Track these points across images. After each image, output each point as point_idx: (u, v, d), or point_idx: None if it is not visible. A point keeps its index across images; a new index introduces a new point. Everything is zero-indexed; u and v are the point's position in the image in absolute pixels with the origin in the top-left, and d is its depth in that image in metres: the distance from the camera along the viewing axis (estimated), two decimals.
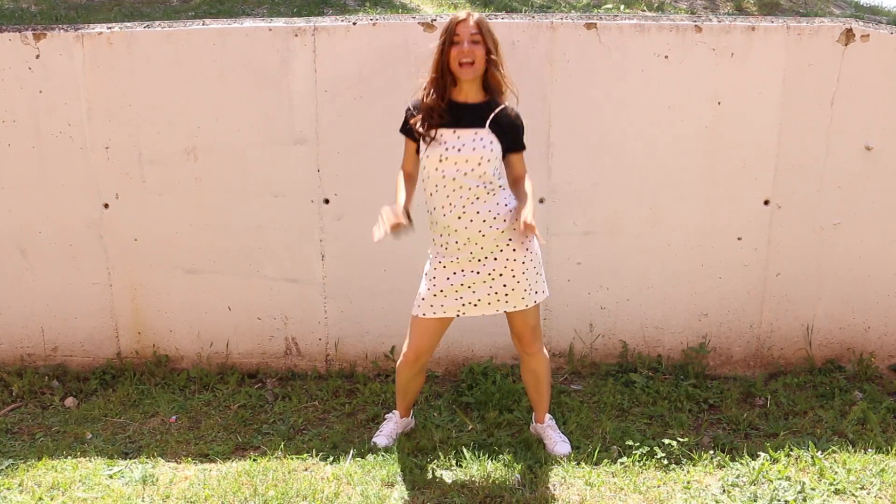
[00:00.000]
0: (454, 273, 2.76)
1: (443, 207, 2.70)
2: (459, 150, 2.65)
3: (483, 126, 2.66)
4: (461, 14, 2.65)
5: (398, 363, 2.92)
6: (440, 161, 2.66)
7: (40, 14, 6.54)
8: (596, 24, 3.28)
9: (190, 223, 3.54)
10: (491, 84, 2.69)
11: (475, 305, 2.78)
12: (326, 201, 3.48)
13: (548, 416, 3.03)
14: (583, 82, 3.32)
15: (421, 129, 2.67)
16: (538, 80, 3.30)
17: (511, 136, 2.72)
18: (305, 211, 3.50)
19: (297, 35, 3.31)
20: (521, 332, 2.86)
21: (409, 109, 2.74)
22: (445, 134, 2.66)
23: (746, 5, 7.55)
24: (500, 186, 2.72)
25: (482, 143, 2.65)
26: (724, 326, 3.60)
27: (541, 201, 3.43)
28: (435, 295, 2.77)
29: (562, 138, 3.38)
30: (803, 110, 3.33)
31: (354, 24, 3.32)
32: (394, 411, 3.10)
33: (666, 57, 3.29)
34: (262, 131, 3.42)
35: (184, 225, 3.55)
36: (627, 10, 6.70)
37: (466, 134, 2.66)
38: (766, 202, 3.45)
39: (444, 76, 2.66)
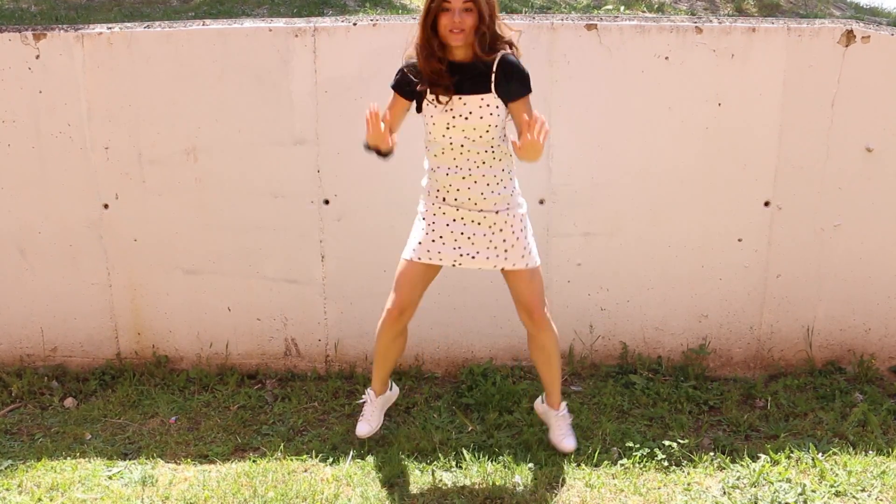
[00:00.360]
0: (454, 220, 2.71)
1: (448, 168, 2.69)
2: (467, 118, 2.62)
3: (488, 90, 2.62)
4: None
5: (380, 323, 2.83)
6: (447, 128, 2.64)
7: (40, 14, 6.53)
8: (596, 25, 3.27)
9: (190, 223, 3.54)
10: (480, 41, 2.58)
11: (473, 258, 2.72)
12: (326, 202, 3.48)
13: (563, 404, 2.95)
14: (583, 83, 3.32)
15: (430, 98, 2.62)
16: (538, 81, 3.27)
17: (517, 83, 2.62)
18: (305, 212, 3.50)
19: (297, 35, 3.31)
20: (528, 300, 2.76)
21: (403, 70, 2.67)
22: (451, 100, 2.62)
23: (746, 6, 7.54)
24: (504, 153, 2.71)
25: (489, 109, 2.62)
26: (724, 328, 3.60)
27: (540, 202, 3.43)
28: (433, 241, 2.72)
29: (562, 139, 3.37)
30: (804, 112, 3.33)
31: (355, 24, 3.31)
32: (368, 391, 2.99)
33: (666, 58, 3.29)
34: (262, 132, 3.42)
35: (184, 225, 3.54)
36: (628, 11, 6.69)
37: (472, 100, 2.62)
38: (767, 203, 3.44)
39: (430, 40, 2.58)
